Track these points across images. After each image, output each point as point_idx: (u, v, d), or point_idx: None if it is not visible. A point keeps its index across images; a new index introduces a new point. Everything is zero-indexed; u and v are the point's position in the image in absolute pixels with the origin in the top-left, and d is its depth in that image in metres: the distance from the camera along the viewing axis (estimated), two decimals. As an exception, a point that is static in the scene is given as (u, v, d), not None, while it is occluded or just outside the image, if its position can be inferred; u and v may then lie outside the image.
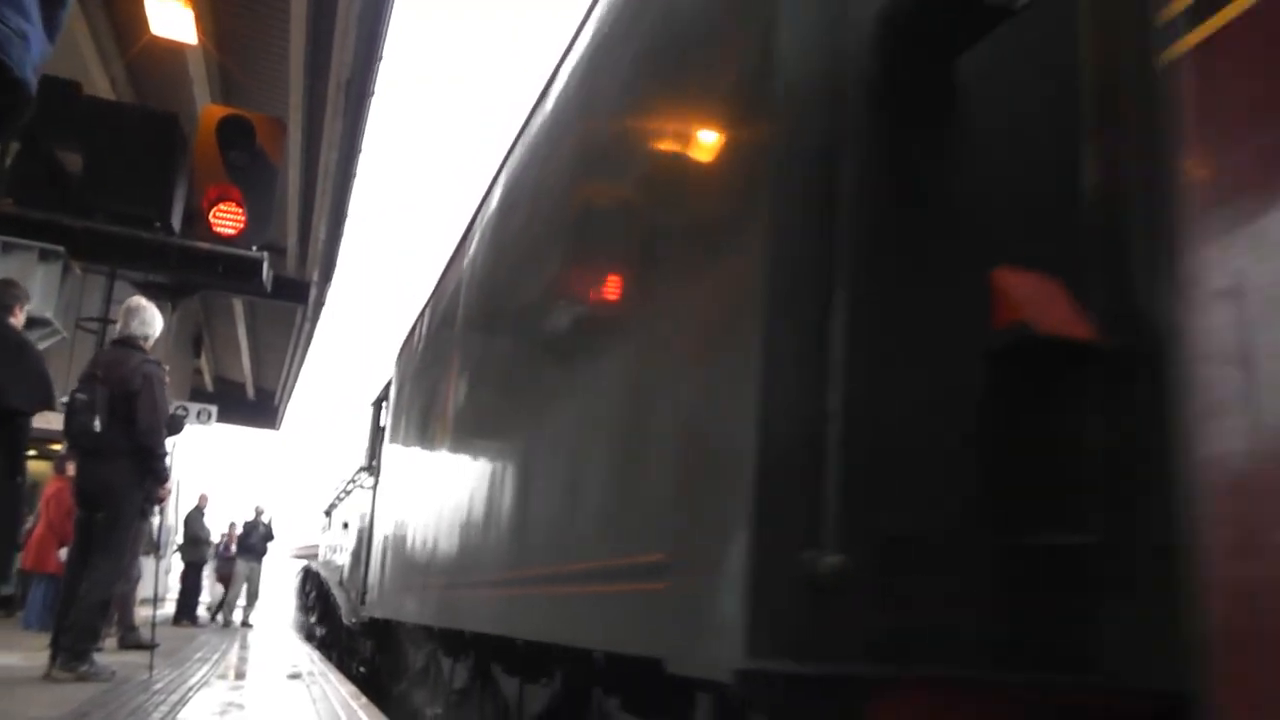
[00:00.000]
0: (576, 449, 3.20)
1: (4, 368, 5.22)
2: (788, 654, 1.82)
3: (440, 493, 5.61)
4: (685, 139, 2.73)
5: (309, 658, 9.99)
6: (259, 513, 18.11)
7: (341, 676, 7.78)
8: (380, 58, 10.40)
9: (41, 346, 7.09)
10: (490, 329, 5.06)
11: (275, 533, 18.57)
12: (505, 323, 4.68)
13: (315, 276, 15.77)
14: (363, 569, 9.96)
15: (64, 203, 8.73)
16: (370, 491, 10.40)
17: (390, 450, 9.09)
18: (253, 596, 18.40)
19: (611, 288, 3.17)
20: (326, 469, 18.63)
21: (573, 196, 3.74)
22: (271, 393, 25.78)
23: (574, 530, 3.04)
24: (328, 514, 16.81)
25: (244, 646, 11.02)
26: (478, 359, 5.29)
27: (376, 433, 10.67)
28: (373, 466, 10.51)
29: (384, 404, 10.46)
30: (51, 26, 1.65)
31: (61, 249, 8.12)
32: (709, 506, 2.15)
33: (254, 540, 17.94)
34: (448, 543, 5.12)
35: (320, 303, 16.94)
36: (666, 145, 2.86)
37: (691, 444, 2.29)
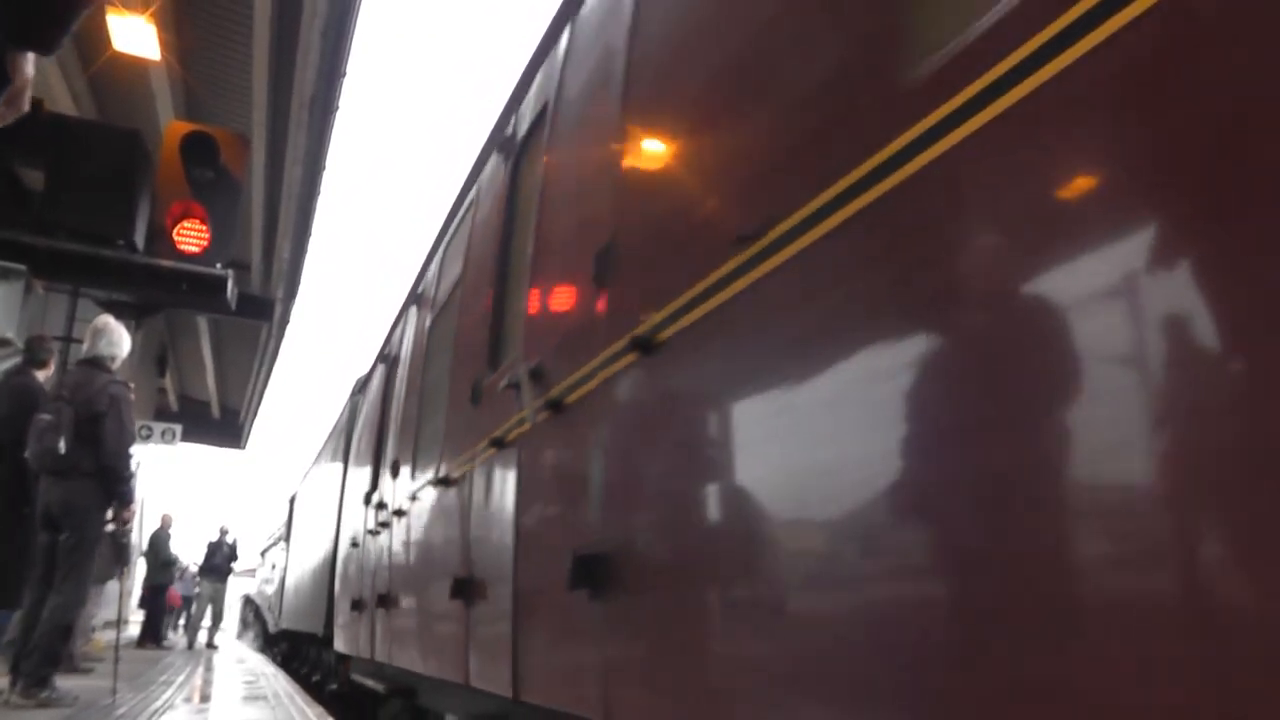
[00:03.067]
0: (313, 571, 11.40)
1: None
2: (331, 631, 8.99)
3: (297, 566, 14.03)
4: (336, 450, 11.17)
5: (274, 679, 9.88)
6: (223, 533, 17.91)
7: (309, 698, 7.70)
8: (344, 74, 10.36)
9: (4, 366, 7.02)
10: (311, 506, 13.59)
11: (239, 553, 18.37)
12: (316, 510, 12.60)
13: (280, 293, 15.65)
14: (279, 599, 17.12)
15: (25, 220, 8.62)
16: (284, 552, 17.51)
17: (295, 530, 16.02)
18: (217, 618, 18.17)
19: (321, 524, 11.33)
20: (282, 498, 21.72)
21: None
22: (236, 411, 25.51)
23: (308, 593, 11.69)
24: (262, 555, 25.95)
25: (208, 669, 10.89)
26: (309, 507, 13.90)
27: (290, 516, 17.50)
28: (287, 535, 17.48)
29: (293, 501, 17.71)
30: None
31: (23, 267, 8.00)
32: (318, 601, 10.20)
33: (218, 560, 17.74)
34: (299, 588, 13.01)
35: (285, 320, 16.81)
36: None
37: (323, 580, 9.96)
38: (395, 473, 6.34)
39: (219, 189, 9.35)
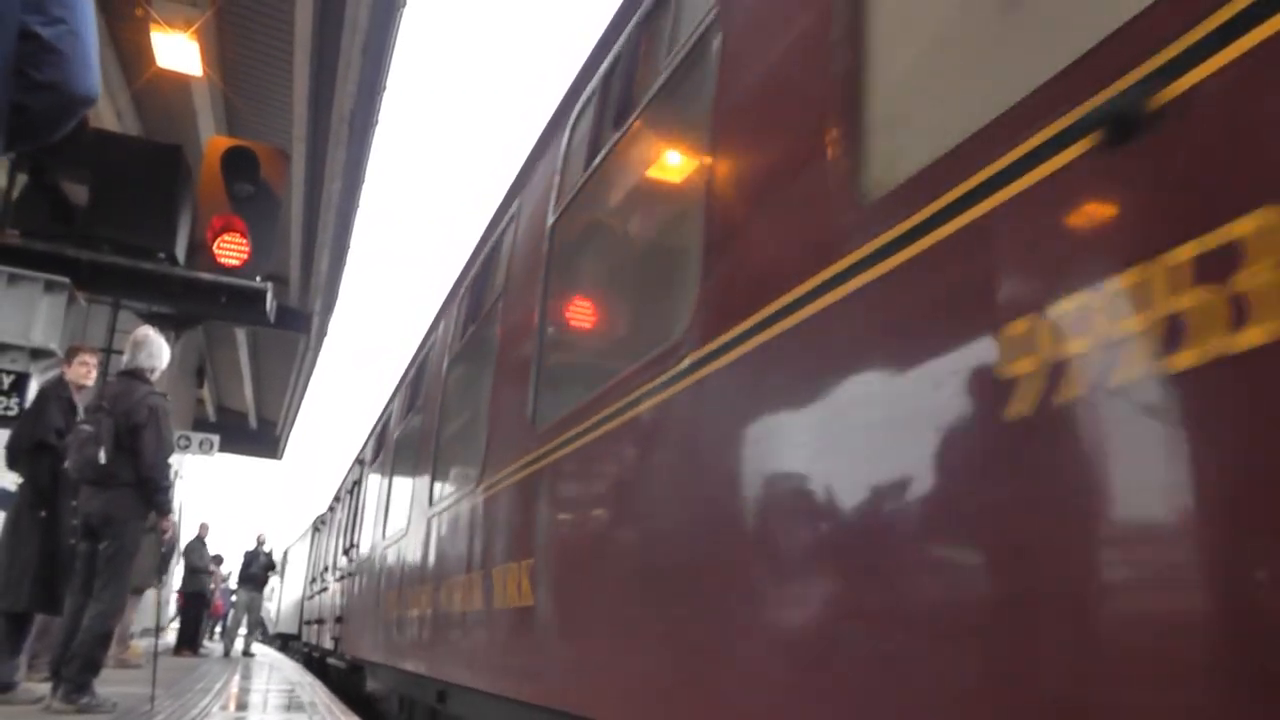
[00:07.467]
0: (294, 601, 21.46)
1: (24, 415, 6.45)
2: (300, 631, 19.32)
3: (286, 596, 25.30)
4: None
5: (311, 688, 9.95)
6: (260, 542, 18.07)
7: (345, 707, 7.74)
8: (383, 90, 10.49)
9: (46, 376, 7.14)
10: (293, 564, 24.22)
11: (275, 562, 18.52)
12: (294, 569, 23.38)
13: (318, 306, 15.82)
14: (277, 609, 28.20)
15: (69, 234, 8.78)
16: (280, 584, 26.50)
17: (288, 567, 24.73)
18: (254, 626, 18.31)
19: (296, 577, 22.06)
20: (316, 509, 27.30)
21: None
22: (273, 422, 25.79)
23: (291, 611, 22.39)
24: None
25: (245, 676, 10.98)
26: (292, 565, 24.31)
27: (283, 560, 25.00)
28: (280, 572, 24.49)
29: (286, 552, 26.10)
30: None
31: (66, 280, 8.14)
32: (295, 616, 20.54)
33: (255, 570, 17.88)
34: (287, 608, 24.18)
35: (322, 333, 17.00)
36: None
37: (298, 607, 19.64)
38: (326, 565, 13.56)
39: (259, 203, 9.46)
